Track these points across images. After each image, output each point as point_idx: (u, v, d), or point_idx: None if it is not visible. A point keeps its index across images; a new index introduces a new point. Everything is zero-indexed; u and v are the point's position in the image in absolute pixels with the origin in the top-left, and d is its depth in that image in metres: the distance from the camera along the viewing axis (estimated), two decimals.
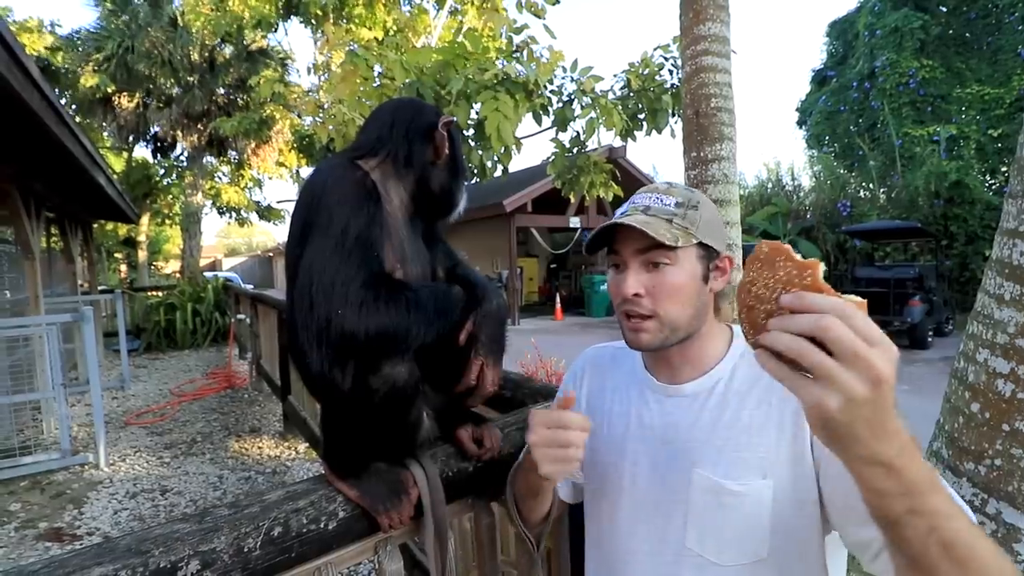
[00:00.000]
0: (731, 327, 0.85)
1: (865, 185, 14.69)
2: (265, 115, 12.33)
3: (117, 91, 12.87)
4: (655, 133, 4.24)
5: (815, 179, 15.56)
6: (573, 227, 13.99)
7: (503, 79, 3.52)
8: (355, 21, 8.81)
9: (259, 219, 19.36)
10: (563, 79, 4.06)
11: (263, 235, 53.97)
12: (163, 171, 16.80)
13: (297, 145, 15.03)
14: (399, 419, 0.83)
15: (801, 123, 20.15)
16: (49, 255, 8.14)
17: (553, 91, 4.02)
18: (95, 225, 11.52)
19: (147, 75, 12.64)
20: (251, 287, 14.22)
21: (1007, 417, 0.83)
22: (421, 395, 0.86)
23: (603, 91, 4.10)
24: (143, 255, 17.88)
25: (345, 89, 3.87)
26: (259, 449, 4.56)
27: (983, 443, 0.86)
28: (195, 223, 14.49)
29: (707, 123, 2.10)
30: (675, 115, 4.16)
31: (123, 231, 20.71)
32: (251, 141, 13.59)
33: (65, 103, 11.70)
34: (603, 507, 0.87)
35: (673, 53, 4.11)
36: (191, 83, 13.04)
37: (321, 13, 8.41)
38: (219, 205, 17.92)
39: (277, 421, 5.19)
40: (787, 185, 16.18)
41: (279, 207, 18.99)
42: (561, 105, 4.08)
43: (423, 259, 0.94)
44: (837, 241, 13.49)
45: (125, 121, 13.32)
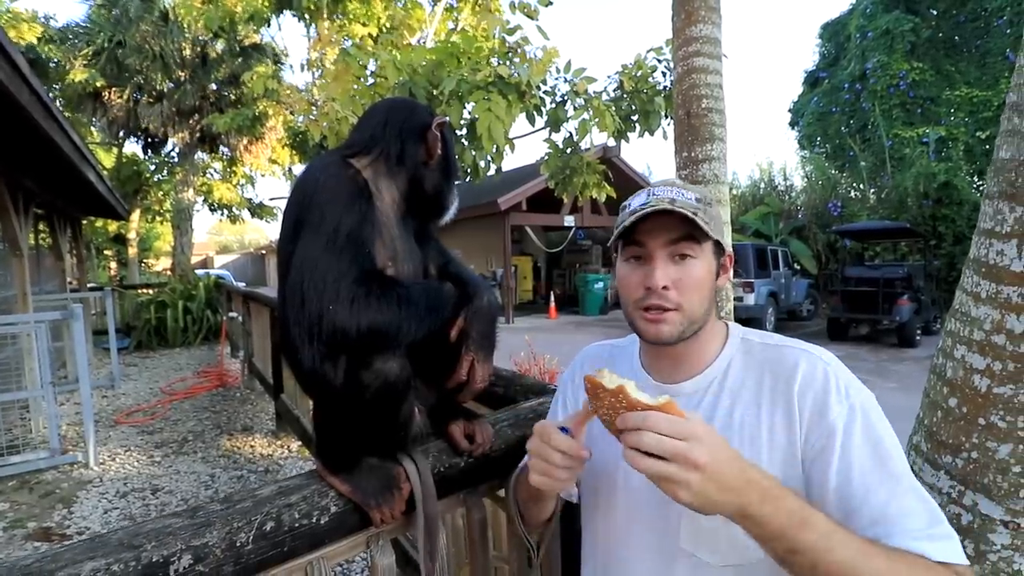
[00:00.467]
0: (727, 324, 0.86)
1: (856, 185, 14.83)
2: (258, 111, 12.23)
3: (107, 86, 12.73)
4: (648, 134, 4.26)
5: (807, 179, 15.70)
6: (568, 226, 14.02)
7: (496, 80, 3.52)
8: (350, 17, 8.75)
9: (251, 216, 19.25)
10: (556, 80, 4.07)
11: (255, 232, 53.62)
12: (154, 167, 16.63)
13: (290, 142, 14.94)
14: (391, 414, 0.84)
15: (793, 124, 20.28)
16: (37, 252, 8.06)
17: (546, 92, 4.03)
18: (84, 222, 11.41)
19: (138, 70, 12.51)
20: (243, 285, 14.14)
21: (983, 411, 0.85)
22: (413, 390, 0.86)
23: (596, 92, 4.12)
24: (133, 252, 17.67)
25: (338, 88, 3.87)
26: (251, 448, 4.55)
27: (960, 437, 0.88)
28: (186, 220, 14.37)
29: (698, 124, 2.12)
30: (668, 117, 4.19)
31: (113, 228, 20.54)
32: (243, 137, 13.48)
33: (54, 97, 11.55)
34: (599, 506, 0.87)
35: (666, 55, 4.13)
36: (183, 78, 12.93)
37: (315, 8, 8.36)
38: (211, 202, 17.80)
39: (269, 419, 5.17)
40: (779, 185, 16.32)
41: (271, 204, 18.89)
42: (554, 106, 4.09)
43: (415, 257, 0.95)
44: (828, 241, 13.62)
45: (115, 116, 13.18)
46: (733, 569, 0.73)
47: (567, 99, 4.09)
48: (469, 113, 3.76)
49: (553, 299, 13.97)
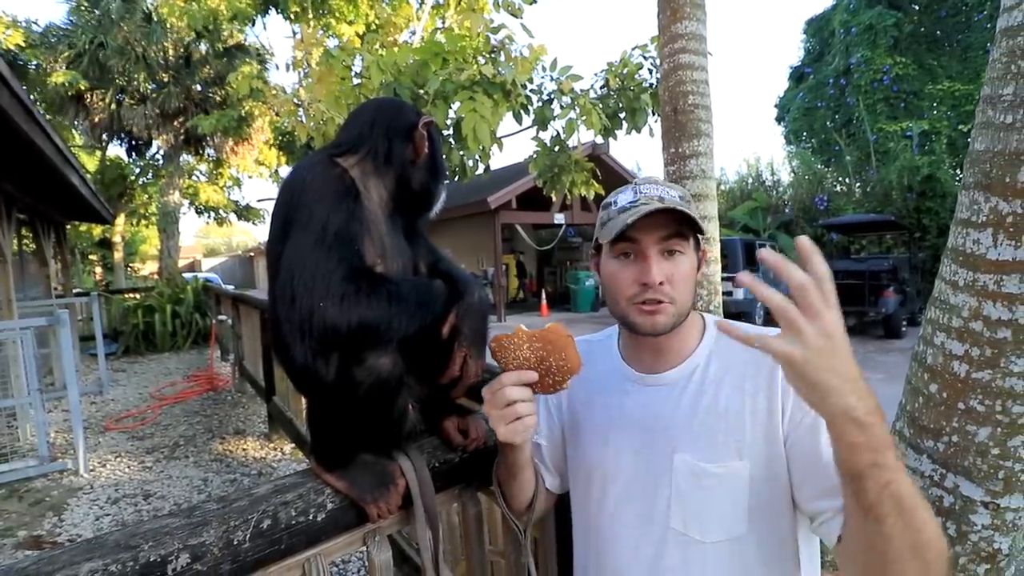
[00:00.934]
0: (703, 317, 0.89)
1: (841, 180, 14.99)
2: (244, 112, 12.11)
3: (90, 88, 12.54)
4: (635, 132, 4.29)
5: (793, 174, 15.85)
6: (558, 223, 14.04)
7: (480, 79, 3.52)
8: (335, 15, 8.70)
9: (238, 219, 19.06)
10: (543, 78, 4.08)
11: (243, 235, 53.17)
12: (138, 170, 16.42)
13: (277, 143, 14.82)
14: (385, 410, 0.85)
15: (780, 119, 20.47)
16: (21, 257, 7.94)
17: (533, 90, 4.04)
18: (69, 226, 11.25)
19: (120, 71, 12.33)
20: (232, 288, 14.02)
21: (962, 396, 0.88)
22: (406, 387, 0.87)
23: (583, 90, 4.13)
24: (119, 256, 17.45)
25: (322, 89, 3.85)
26: (244, 451, 4.52)
27: (941, 421, 0.91)
28: (172, 223, 14.20)
29: (685, 120, 2.14)
30: (654, 114, 4.21)
31: (98, 232, 20.23)
32: (229, 139, 13.35)
33: (35, 101, 11.36)
34: (590, 495, 0.90)
35: (651, 53, 4.15)
36: (166, 80, 12.77)
37: (300, 9, 8.30)
38: (197, 205, 17.59)
39: (262, 422, 5.14)
40: (767, 180, 16.45)
41: (259, 206, 18.72)
42: (541, 105, 4.10)
43: (404, 255, 0.95)
44: (815, 235, 13.74)
45: (98, 119, 12.99)
46: (722, 544, 0.76)
47: (553, 97, 4.11)
48: (455, 113, 3.75)
49: (544, 296, 13.99)
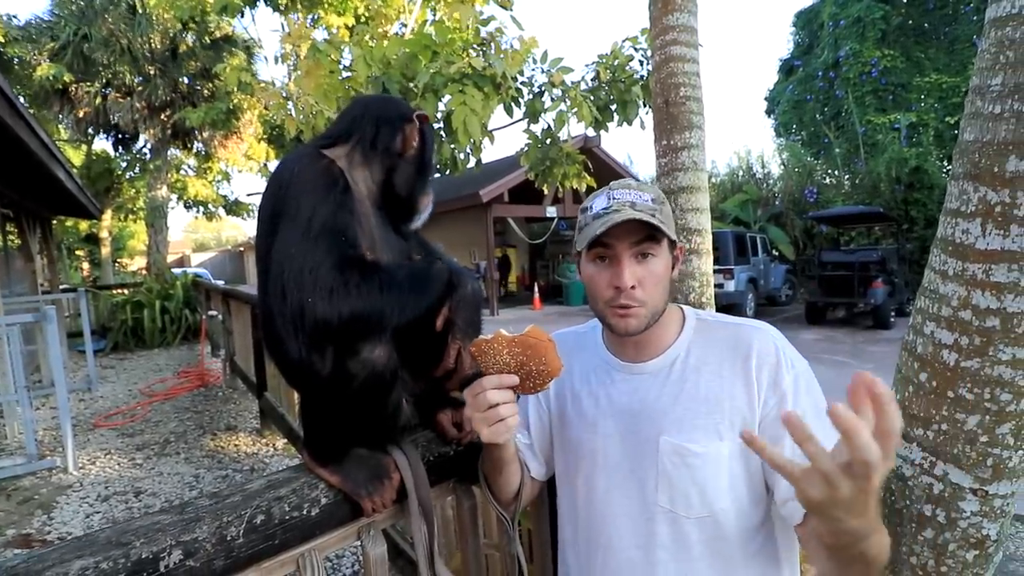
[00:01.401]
0: (683, 309, 0.94)
1: (831, 172, 15.10)
2: (232, 105, 11.95)
3: (74, 81, 12.33)
4: (626, 124, 4.28)
5: (783, 166, 15.92)
6: (550, 217, 14.03)
7: (471, 72, 3.50)
8: (324, 6, 8.58)
9: (228, 213, 18.86)
10: (533, 71, 4.06)
11: (233, 229, 52.64)
12: (125, 164, 16.18)
13: (266, 136, 14.66)
14: (379, 404, 0.85)
15: (770, 112, 20.55)
16: (6, 253, 7.83)
17: (523, 83, 4.01)
18: (55, 221, 11.09)
19: (105, 64, 12.12)
20: (222, 283, 13.90)
21: (952, 385, 0.89)
22: (400, 380, 0.87)
23: (573, 83, 4.11)
24: (106, 252, 17.21)
25: (311, 83, 3.81)
26: (235, 447, 4.50)
27: (931, 410, 0.92)
28: (161, 218, 14.03)
29: (676, 112, 2.14)
30: (645, 106, 4.20)
31: (84, 227, 19.96)
32: (218, 132, 13.19)
33: (19, 94, 11.13)
34: (578, 481, 0.93)
35: (642, 45, 4.14)
36: (152, 72, 12.58)
37: (289, 0, 8.18)
38: (186, 199, 17.39)
39: (253, 418, 5.12)
40: (757, 172, 16.51)
41: (248, 201, 18.54)
42: (532, 97, 4.08)
43: (395, 246, 0.95)
44: (805, 227, 13.85)
45: (84, 113, 12.78)
46: (705, 519, 0.82)
47: (544, 90, 4.09)
48: (445, 106, 3.72)
49: (537, 290, 14.00)
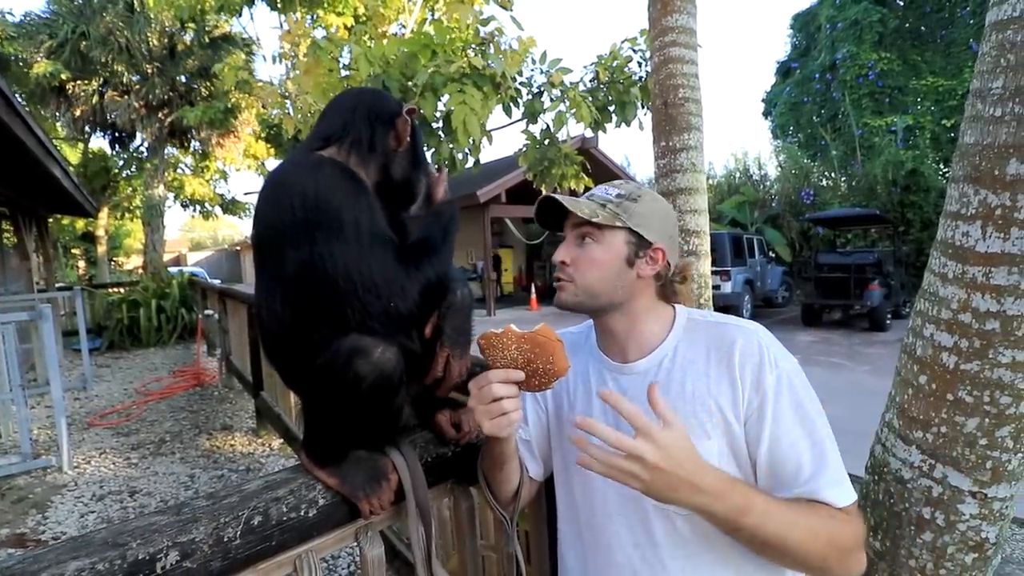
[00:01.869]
0: (675, 308, 0.93)
1: (827, 174, 15.14)
2: (230, 104, 11.92)
3: (72, 79, 12.28)
4: (624, 125, 4.29)
5: (780, 168, 15.97)
6: None
7: (470, 71, 3.50)
8: (323, 5, 8.57)
9: (224, 212, 18.79)
10: (532, 71, 4.06)
11: (229, 228, 52.50)
12: (122, 163, 16.12)
13: (264, 135, 14.61)
14: (385, 406, 0.85)
15: (767, 114, 20.58)
16: (2, 251, 7.79)
17: (522, 83, 4.02)
18: (51, 220, 11.04)
19: (103, 62, 12.08)
20: (219, 282, 13.86)
21: (951, 387, 0.89)
22: (405, 384, 0.87)
23: (572, 83, 4.12)
24: (103, 250, 17.13)
25: (310, 81, 3.80)
26: (231, 446, 4.48)
27: (930, 412, 0.92)
28: (157, 216, 13.97)
29: (675, 113, 2.14)
30: (644, 107, 4.21)
31: (81, 225, 19.88)
32: (215, 131, 13.15)
33: (15, 91, 11.07)
34: (575, 481, 0.94)
35: (641, 46, 4.15)
36: (150, 71, 12.54)
37: None
38: (182, 198, 17.33)
39: (249, 417, 5.10)
40: (754, 174, 16.57)
41: (245, 200, 18.48)
42: (531, 97, 4.08)
43: (398, 231, 0.96)
44: (801, 229, 13.90)
45: (81, 111, 12.72)
46: (694, 515, 0.82)
47: (543, 90, 4.09)
48: (444, 106, 3.72)
49: (534, 291, 13.99)
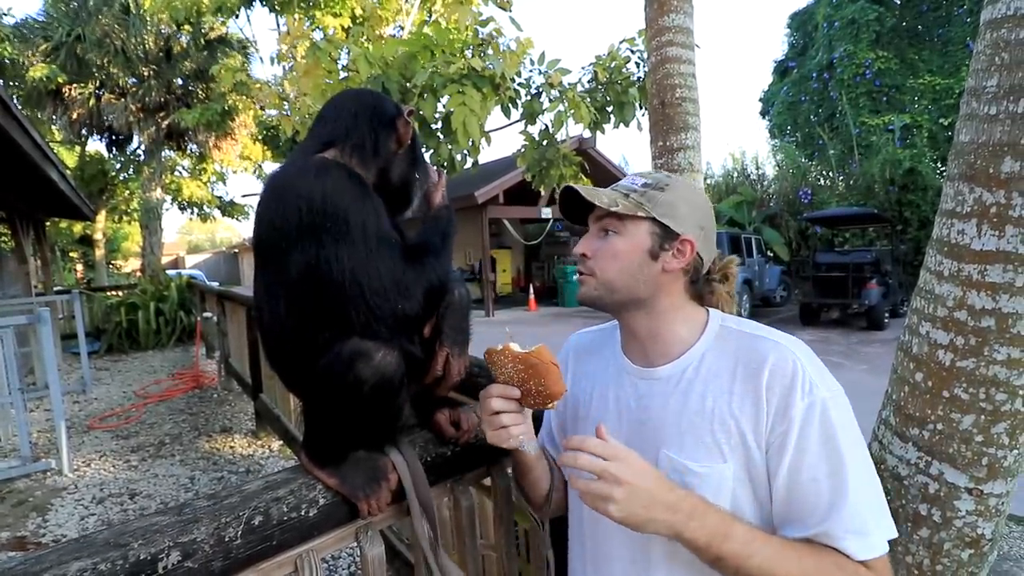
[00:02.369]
0: (708, 310, 0.86)
1: (825, 173, 15.17)
2: (227, 106, 11.91)
3: (68, 82, 12.26)
4: (623, 125, 4.30)
5: (778, 168, 15.99)
6: (545, 218, 14.04)
7: (469, 72, 3.51)
8: (320, 7, 8.58)
9: (222, 215, 18.79)
10: (531, 72, 4.07)
11: (227, 231, 52.46)
12: (119, 166, 16.11)
13: (262, 137, 14.61)
14: (385, 408, 0.85)
15: (764, 113, 20.62)
16: (0, 255, 7.78)
17: (521, 84, 4.02)
18: (48, 223, 11.02)
19: (99, 65, 12.08)
20: (217, 284, 13.85)
21: (947, 384, 0.89)
22: (405, 386, 0.87)
23: (571, 84, 4.13)
24: (100, 254, 17.11)
25: (309, 83, 3.81)
26: (231, 448, 4.48)
27: (926, 410, 0.93)
28: (155, 219, 13.97)
29: (672, 113, 2.14)
30: (642, 108, 4.22)
31: (78, 229, 19.86)
32: (212, 133, 13.14)
33: (12, 95, 11.04)
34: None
35: (639, 47, 4.15)
36: (147, 74, 12.53)
37: (286, 0, 8.16)
38: (180, 200, 17.33)
39: (249, 419, 5.10)
40: (752, 174, 16.58)
41: (243, 202, 18.48)
42: (529, 98, 4.09)
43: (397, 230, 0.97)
44: (799, 228, 13.92)
45: (77, 114, 12.71)
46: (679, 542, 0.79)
47: (542, 91, 4.10)
48: (443, 107, 3.73)
49: (532, 291, 14.00)
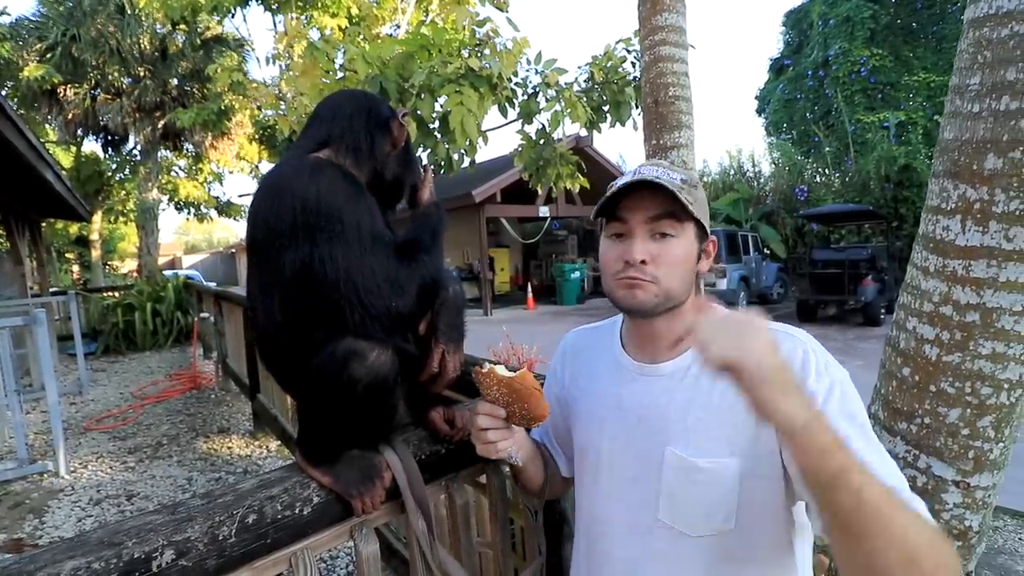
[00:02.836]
0: (712, 304, 0.85)
1: (821, 170, 15.19)
2: (224, 106, 11.89)
3: (63, 83, 12.22)
4: (619, 125, 4.30)
5: (774, 165, 16.01)
6: (543, 216, 14.04)
7: (466, 72, 3.51)
8: (317, 7, 8.57)
9: (219, 215, 18.76)
10: (528, 71, 4.07)
11: (224, 231, 52.29)
12: (115, 166, 16.06)
13: (259, 136, 14.59)
14: (380, 407, 0.86)
15: (760, 111, 20.64)
16: None
17: (518, 84, 4.03)
18: (44, 224, 10.99)
19: (95, 65, 12.05)
20: (214, 285, 13.81)
21: (934, 379, 0.90)
22: (400, 385, 0.88)
23: (567, 84, 4.13)
24: (97, 254, 17.07)
25: (306, 82, 3.80)
26: (229, 449, 4.48)
27: (914, 404, 0.94)
28: (151, 220, 13.93)
29: (666, 111, 2.15)
30: (638, 107, 4.23)
31: (74, 230, 19.81)
32: (209, 133, 13.12)
33: (6, 95, 11.01)
34: (585, 481, 0.91)
35: (635, 46, 4.16)
36: (142, 74, 12.50)
37: (282, 0, 8.15)
38: (177, 201, 17.29)
39: (246, 420, 5.10)
40: (748, 171, 16.60)
41: (240, 202, 18.45)
42: (526, 98, 4.10)
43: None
44: (796, 225, 13.94)
45: (72, 114, 12.67)
46: (710, 538, 0.76)
47: (539, 91, 4.10)
48: (441, 106, 3.73)
49: (531, 290, 14.00)
